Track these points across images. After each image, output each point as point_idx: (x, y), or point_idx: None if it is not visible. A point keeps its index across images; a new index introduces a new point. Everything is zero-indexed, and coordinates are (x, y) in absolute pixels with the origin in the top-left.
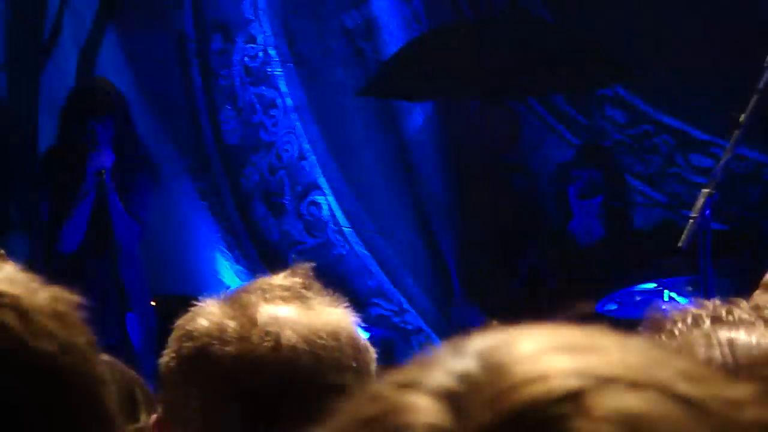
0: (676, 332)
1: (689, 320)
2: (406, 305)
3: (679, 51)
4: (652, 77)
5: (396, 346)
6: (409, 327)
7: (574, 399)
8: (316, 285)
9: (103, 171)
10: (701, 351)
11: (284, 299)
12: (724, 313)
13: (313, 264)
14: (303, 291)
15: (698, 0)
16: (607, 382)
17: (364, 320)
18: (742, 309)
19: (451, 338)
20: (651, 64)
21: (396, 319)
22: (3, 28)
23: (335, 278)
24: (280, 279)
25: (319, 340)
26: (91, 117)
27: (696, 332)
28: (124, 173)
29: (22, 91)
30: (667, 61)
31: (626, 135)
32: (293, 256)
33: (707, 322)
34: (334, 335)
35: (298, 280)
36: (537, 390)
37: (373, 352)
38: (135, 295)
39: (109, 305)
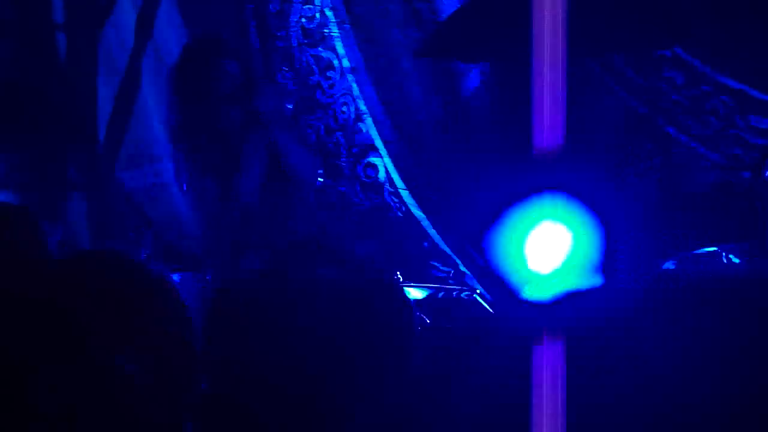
0: None
1: None
2: (462, 267)
3: (738, 10)
4: (710, 37)
5: (452, 307)
6: (466, 289)
7: None
8: None
9: (261, 111)
10: None
11: None
12: None
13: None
14: None
15: None
16: None
17: (421, 282)
18: None
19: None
20: (710, 24)
21: (452, 281)
22: None
23: (391, 240)
24: None
25: None
26: (224, 60)
27: None
28: (262, 106)
29: (80, 53)
30: (726, 20)
31: (684, 96)
32: (350, 217)
33: None
34: None
35: None
36: None
37: None
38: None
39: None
